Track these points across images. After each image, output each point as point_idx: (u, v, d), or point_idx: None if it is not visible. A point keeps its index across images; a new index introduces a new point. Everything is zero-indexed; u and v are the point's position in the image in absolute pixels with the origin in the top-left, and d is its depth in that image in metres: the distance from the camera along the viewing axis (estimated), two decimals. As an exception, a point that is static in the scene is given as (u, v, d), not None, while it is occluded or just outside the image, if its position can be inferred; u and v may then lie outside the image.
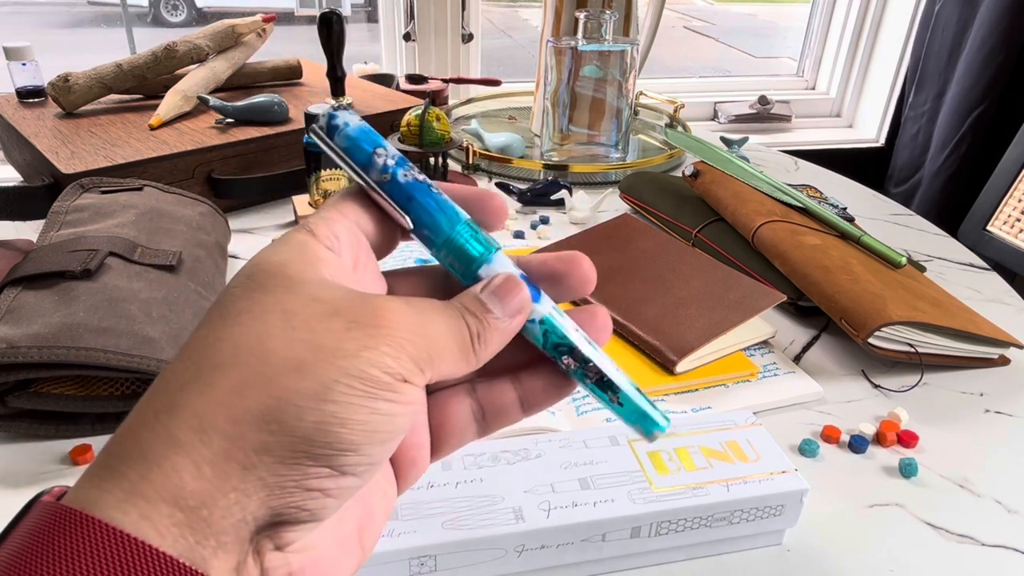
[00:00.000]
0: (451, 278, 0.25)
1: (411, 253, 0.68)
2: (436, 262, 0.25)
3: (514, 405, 0.25)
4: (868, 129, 1.90)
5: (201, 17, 3.45)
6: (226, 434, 0.18)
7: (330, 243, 0.22)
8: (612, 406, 0.24)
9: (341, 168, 0.22)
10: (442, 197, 0.23)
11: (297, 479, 0.19)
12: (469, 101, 1.24)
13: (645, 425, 0.25)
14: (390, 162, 0.23)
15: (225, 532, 0.18)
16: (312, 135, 0.23)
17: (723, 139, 1.09)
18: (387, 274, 0.26)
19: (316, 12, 1.50)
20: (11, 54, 0.91)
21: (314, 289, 0.20)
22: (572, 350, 0.24)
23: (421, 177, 0.23)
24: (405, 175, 0.23)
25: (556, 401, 0.25)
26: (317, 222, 0.22)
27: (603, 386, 0.24)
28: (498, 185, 0.88)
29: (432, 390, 0.25)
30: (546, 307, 0.24)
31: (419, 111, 0.79)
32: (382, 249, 0.25)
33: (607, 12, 0.91)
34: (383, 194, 0.23)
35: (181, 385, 0.19)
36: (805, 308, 0.65)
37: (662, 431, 0.25)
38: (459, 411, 0.25)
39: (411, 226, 0.23)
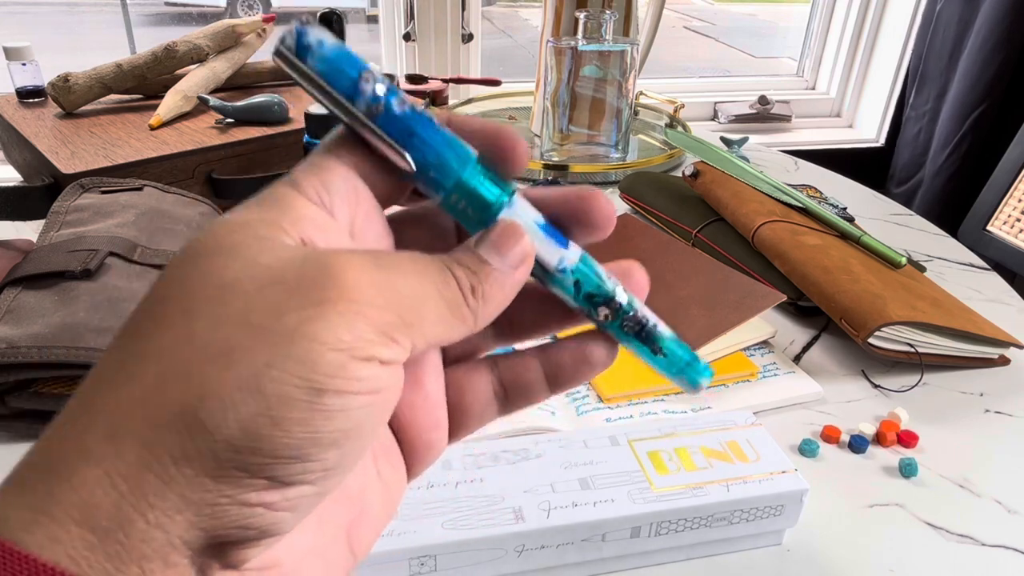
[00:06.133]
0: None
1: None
2: None
3: (540, 382, 0.22)
4: (868, 129, 1.90)
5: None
6: (144, 439, 0.15)
7: (318, 198, 0.18)
8: (655, 358, 0.22)
9: (319, 100, 0.19)
10: (448, 132, 0.20)
11: (230, 494, 0.15)
12: (469, 101, 1.24)
13: (690, 375, 0.23)
14: (380, 89, 0.19)
15: (148, 558, 0.15)
16: (279, 59, 0.18)
17: (723, 139, 1.09)
18: (393, 219, 0.22)
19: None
20: (11, 54, 0.91)
21: (266, 254, 0.16)
22: (609, 300, 0.21)
23: (420, 108, 0.20)
24: (401, 104, 0.19)
25: (585, 379, 0.22)
26: (304, 172, 0.18)
27: (644, 338, 0.22)
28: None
29: (448, 364, 0.23)
30: (575, 254, 0.21)
31: (419, 111, 0.79)
32: (389, 199, 0.20)
33: (607, 12, 0.91)
34: (376, 129, 0.19)
35: (99, 381, 0.16)
36: (805, 308, 0.65)
37: (708, 377, 0.23)
38: (479, 388, 0.22)
39: (413, 168, 0.19)
